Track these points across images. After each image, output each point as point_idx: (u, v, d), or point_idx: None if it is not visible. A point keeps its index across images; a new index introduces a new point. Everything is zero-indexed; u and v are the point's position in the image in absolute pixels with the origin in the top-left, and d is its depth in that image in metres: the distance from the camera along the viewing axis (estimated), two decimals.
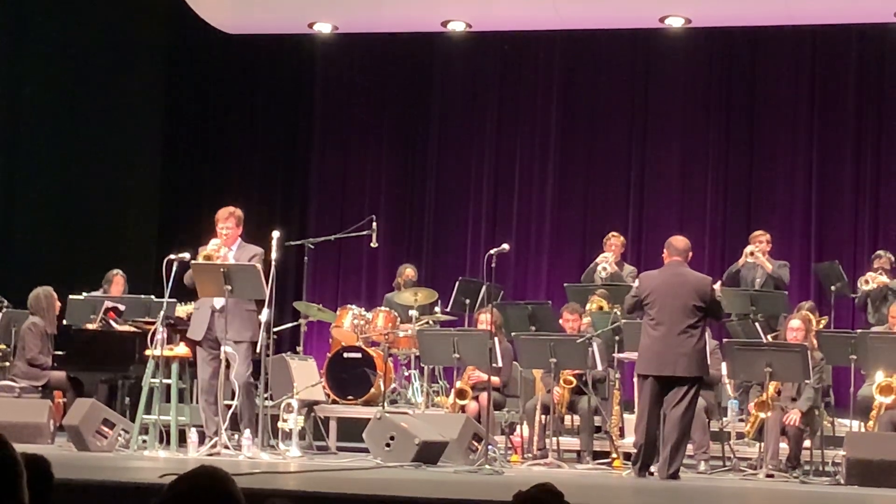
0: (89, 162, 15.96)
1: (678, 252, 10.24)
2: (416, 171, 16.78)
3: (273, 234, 10.64)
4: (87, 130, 15.92)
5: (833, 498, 9.33)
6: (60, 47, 15.83)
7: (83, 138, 15.94)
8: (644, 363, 10.02)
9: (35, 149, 15.86)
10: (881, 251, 13.50)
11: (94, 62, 15.96)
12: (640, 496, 9.00)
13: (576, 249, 15.95)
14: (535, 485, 5.05)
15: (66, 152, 15.94)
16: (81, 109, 15.91)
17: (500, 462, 10.42)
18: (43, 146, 15.86)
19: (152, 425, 10.43)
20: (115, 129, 16.17)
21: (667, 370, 9.85)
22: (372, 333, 12.88)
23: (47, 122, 15.85)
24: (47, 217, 15.86)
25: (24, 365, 11.83)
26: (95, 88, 15.97)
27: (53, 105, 15.90)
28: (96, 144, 16.00)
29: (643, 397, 10.07)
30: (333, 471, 9.79)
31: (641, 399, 10.15)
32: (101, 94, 16.00)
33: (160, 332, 10.48)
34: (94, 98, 15.97)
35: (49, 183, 15.87)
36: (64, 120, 15.88)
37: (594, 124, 16.29)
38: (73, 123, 15.90)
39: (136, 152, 16.63)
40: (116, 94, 16.17)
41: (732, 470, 10.75)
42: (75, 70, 15.93)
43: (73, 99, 15.92)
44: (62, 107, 15.90)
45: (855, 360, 10.86)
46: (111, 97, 16.10)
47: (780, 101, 15.77)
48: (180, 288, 10.61)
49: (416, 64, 16.75)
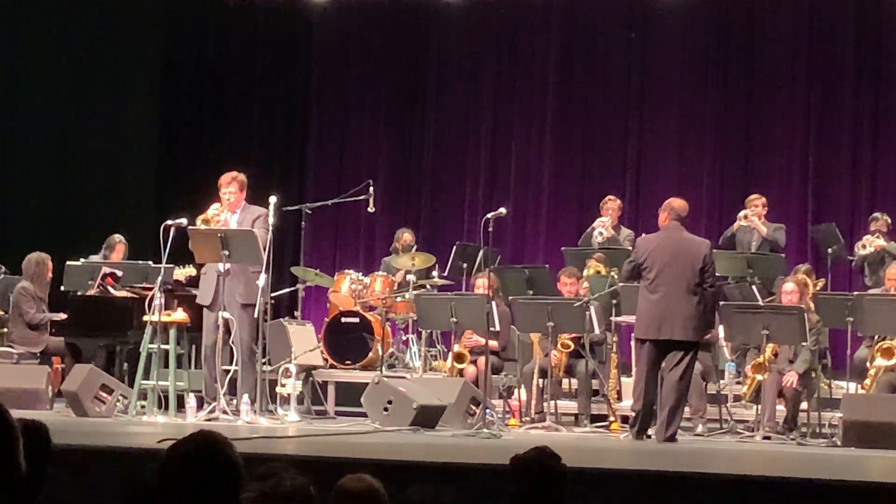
0: (87, 128, 15.91)
1: (677, 215, 10.21)
2: (413, 137, 16.74)
3: (270, 199, 10.62)
4: (84, 97, 15.86)
5: (830, 459, 9.36)
6: (58, 12, 15.75)
7: (81, 104, 15.88)
8: (643, 327, 10.02)
9: (32, 114, 15.80)
10: (878, 213, 13.49)
11: (92, 29, 15.88)
12: (637, 458, 9.03)
13: (573, 214, 15.93)
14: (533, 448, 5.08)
15: (64, 118, 15.89)
16: (79, 77, 15.84)
17: (498, 426, 10.43)
18: (40, 111, 15.80)
19: (150, 391, 10.45)
20: (112, 96, 16.11)
21: (665, 334, 9.86)
22: (369, 298, 12.89)
23: (44, 88, 15.78)
24: (45, 183, 15.82)
25: (21, 330, 11.83)
26: (93, 55, 15.89)
27: (50, 71, 15.83)
28: (94, 110, 15.94)
29: (641, 361, 10.09)
30: (332, 435, 9.82)
31: (640, 363, 10.17)
32: (99, 60, 15.92)
33: (158, 297, 10.49)
34: (92, 65, 15.89)
35: (46, 148, 15.83)
36: (61, 86, 15.81)
37: (591, 89, 16.23)
38: (70, 90, 15.83)
39: (134, 119, 16.57)
40: (114, 61, 16.10)
41: (729, 432, 10.78)
42: (73, 37, 15.85)
43: (70, 65, 15.84)
44: (59, 73, 15.83)
45: (852, 323, 10.88)
46: (109, 63, 16.02)
47: (777, 64, 15.70)
48: (178, 251, 10.60)
49: (413, 30, 16.68)
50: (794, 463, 9.13)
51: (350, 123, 16.89)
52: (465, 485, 6.51)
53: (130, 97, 16.44)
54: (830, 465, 8.85)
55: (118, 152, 16.26)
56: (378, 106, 16.87)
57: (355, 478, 4.06)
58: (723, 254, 12.96)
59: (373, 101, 16.89)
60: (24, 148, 15.82)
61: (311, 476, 4.27)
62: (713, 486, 7.14)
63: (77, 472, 6.71)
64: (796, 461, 9.25)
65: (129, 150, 16.49)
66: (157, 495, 3.12)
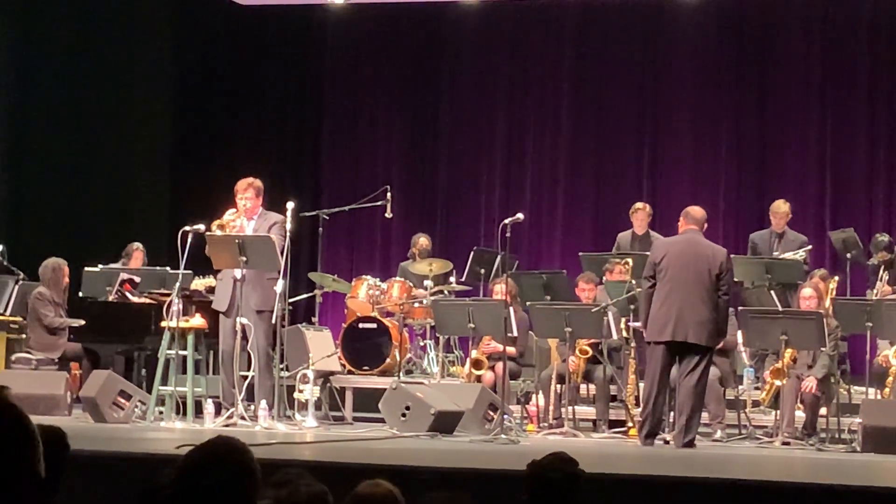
0: (101, 135, 15.95)
1: (695, 221, 10.24)
2: (428, 142, 16.76)
3: (288, 205, 10.63)
4: (98, 104, 15.90)
5: (849, 465, 9.33)
6: (70, 18, 15.79)
7: (95, 111, 15.91)
8: (656, 330, 9.97)
9: (46, 120, 15.83)
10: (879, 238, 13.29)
11: (105, 34, 15.93)
12: (655, 464, 9.00)
13: (589, 218, 15.92)
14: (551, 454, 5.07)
15: (78, 124, 15.91)
16: (93, 84, 15.88)
17: (516, 432, 10.42)
18: (54, 117, 15.83)
19: (168, 396, 10.46)
20: (126, 102, 16.15)
21: (679, 336, 9.83)
22: (387, 304, 12.88)
23: (57, 94, 15.82)
24: (59, 190, 15.85)
25: (39, 335, 11.85)
26: (106, 62, 15.93)
27: (63, 77, 15.87)
28: (108, 116, 15.98)
29: (653, 364, 10.06)
30: (349, 441, 9.81)
31: (650, 367, 10.13)
32: (112, 66, 15.96)
33: (176, 303, 10.50)
34: (105, 71, 15.94)
35: (60, 155, 15.86)
36: (74, 92, 15.85)
37: (606, 92, 16.23)
38: (83, 96, 15.86)
39: (148, 125, 16.60)
40: (127, 67, 16.13)
41: (748, 438, 10.75)
42: (84, 42, 15.89)
43: (84, 72, 15.88)
44: (72, 79, 15.87)
45: (871, 328, 10.84)
46: (121, 69, 16.06)
47: (792, 67, 15.68)
48: (195, 259, 10.62)
49: (427, 34, 16.70)
50: (813, 469, 9.10)
51: (365, 128, 16.90)
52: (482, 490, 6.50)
53: (144, 103, 16.47)
54: (850, 471, 8.81)
55: (132, 159, 16.29)
56: (393, 110, 16.88)
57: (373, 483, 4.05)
58: (742, 259, 12.93)
59: (387, 105, 16.90)
60: (38, 154, 15.85)
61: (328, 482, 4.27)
62: (732, 491, 7.12)
63: (95, 477, 6.72)
64: (815, 467, 9.22)
65: (144, 157, 16.52)
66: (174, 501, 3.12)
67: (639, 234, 13.60)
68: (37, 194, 15.83)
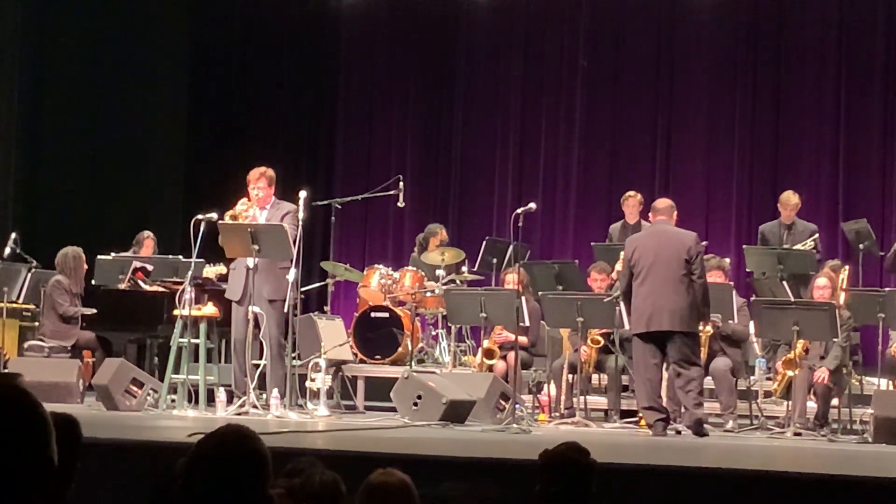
0: (115, 124, 15.97)
1: (660, 212, 10.47)
2: (441, 131, 16.75)
3: (301, 193, 10.64)
4: (112, 92, 15.92)
5: (861, 456, 9.32)
6: (86, 8, 15.82)
7: (109, 100, 15.94)
8: (636, 322, 10.08)
9: (61, 110, 15.87)
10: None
11: (120, 24, 15.95)
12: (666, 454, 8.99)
13: (602, 209, 15.89)
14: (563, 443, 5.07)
15: (92, 113, 15.95)
16: (107, 72, 15.90)
17: (528, 421, 10.43)
18: (68, 107, 15.87)
19: (181, 385, 10.49)
20: (140, 91, 16.16)
21: (654, 326, 9.90)
22: (399, 293, 12.89)
23: (72, 84, 15.85)
24: (73, 179, 15.90)
25: (53, 324, 11.88)
26: (120, 51, 15.96)
27: (78, 67, 15.90)
28: (122, 106, 16.00)
29: (638, 357, 10.10)
30: (361, 430, 9.83)
31: (636, 359, 10.17)
32: (126, 55, 15.99)
33: (188, 291, 10.52)
34: (120, 60, 15.96)
35: (75, 144, 15.90)
36: (89, 82, 15.88)
37: (620, 84, 16.21)
38: (97, 86, 15.89)
39: (162, 114, 16.62)
40: (141, 56, 16.15)
41: (760, 428, 10.74)
42: (101, 33, 15.92)
43: (98, 61, 15.91)
44: (87, 68, 15.90)
45: (883, 319, 10.81)
46: (136, 59, 16.08)
47: (806, 60, 15.65)
48: (208, 248, 10.64)
49: (441, 25, 16.68)
50: (825, 459, 9.09)
51: (378, 118, 16.90)
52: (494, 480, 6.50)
53: (158, 93, 16.49)
54: (861, 462, 8.80)
55: (146, 148, 16.31)
56: (406, 101, 16.88)
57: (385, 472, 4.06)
58: (754, 249, 12.91)
59: (401, 96, 16.89)
60: (52, 143, 15.90)
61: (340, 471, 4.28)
62: (743, 482, 7.12)
63: (108, 465, 6.73)
64: (827, 458, 9.21)
65: (158, 146, 16.55)
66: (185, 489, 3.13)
67: (630, 223, 13.53)
68: (51, 183, 15.87)
